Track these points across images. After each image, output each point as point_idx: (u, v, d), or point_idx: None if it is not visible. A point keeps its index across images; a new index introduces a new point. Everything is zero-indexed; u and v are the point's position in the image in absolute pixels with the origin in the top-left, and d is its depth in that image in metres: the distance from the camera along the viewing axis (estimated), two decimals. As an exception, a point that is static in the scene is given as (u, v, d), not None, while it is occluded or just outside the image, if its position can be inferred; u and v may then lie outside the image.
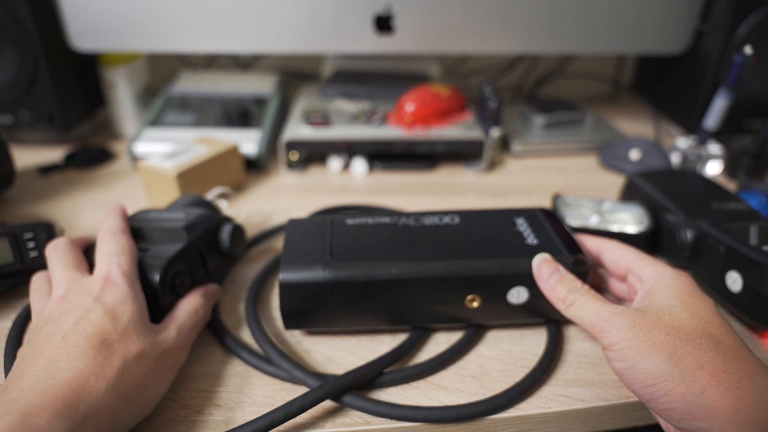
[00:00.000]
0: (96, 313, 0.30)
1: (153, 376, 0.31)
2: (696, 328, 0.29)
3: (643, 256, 0.35)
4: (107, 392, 0.27)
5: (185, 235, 0.38)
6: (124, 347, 0.29)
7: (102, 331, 0.29)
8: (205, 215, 0.41)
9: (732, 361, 0.27)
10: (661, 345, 0.28)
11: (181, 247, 0.37)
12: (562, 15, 0.65)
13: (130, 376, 0.29)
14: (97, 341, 0.29)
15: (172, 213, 0.41)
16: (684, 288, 0.32)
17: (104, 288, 0.32)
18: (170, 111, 0.69)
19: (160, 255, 0.36)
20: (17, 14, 0.59)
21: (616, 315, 0.30)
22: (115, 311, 0.31)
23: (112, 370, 0.28)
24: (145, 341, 0.31)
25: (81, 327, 0.29)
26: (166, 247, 0.37)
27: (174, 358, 0.33)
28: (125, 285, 0.32)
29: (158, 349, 0.31)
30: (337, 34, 0.64)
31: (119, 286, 0.32)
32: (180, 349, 0.34)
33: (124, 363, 0.29)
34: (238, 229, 0.43)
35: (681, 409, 0.27)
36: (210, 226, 0.41)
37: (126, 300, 0.31)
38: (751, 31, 0.64)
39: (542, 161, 0.69)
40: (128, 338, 0.30)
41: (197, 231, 0.39)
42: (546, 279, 0.35)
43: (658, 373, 0.28)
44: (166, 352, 0.32)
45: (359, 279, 0.35)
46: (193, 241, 0.38)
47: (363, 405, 0.32)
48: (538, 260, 0.36)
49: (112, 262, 0.33)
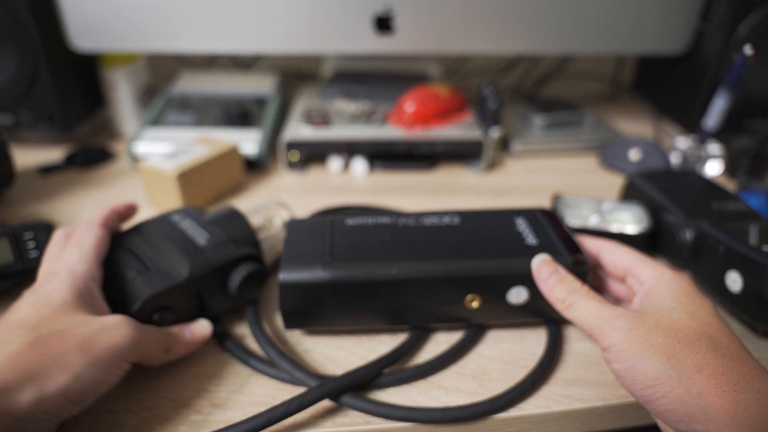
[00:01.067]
0: (25, 302, 0.30)
1: (78, 354, 0.27)
2: (694, 330, 0.29)
3: (642, 258, 0.35)
4: (6, 367, 0.26)
5: (187, 269, 0.35)
6: (44, 326, 0.28)
7: (23, 316, 0.29)
8: (224, 246, 0.37)
9: (730, 364, 0.27)
10: (660, 347, 0.28)
11: (174, 283, 0.34)
12: (562, 15, 0.65)
13: (40, 353, 0.27)
14: (14, 323, 0.28)
15: (200, 229, 0.38)
16: (683, 289, 0.32)
17: (42, 282, 0.31)
18: (170, 111, 0.69)
19: (153, 282, 0.34)
20: (17, 14, 0.59)
21: (615, 317, 0.30)
22: (45, 299, 0.30)
23: (17, 344, 0.27)
24: (76, 321, 0.29)
25: (7, 317, 0.29)
26: (164, 275, 0.34)
27: (114, 338, 0.29)
28: (66, 278, 0.31)
29: (92, 327, 0.29)
30: (337, 34, 0.64)
31: (59, 279, 0.31)
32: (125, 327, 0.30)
33: (36, 338, 0.27)
34: (256, 274, 0.38)
35: (679, 411, 0.27)
36: (222, 264, 0.36)
37: (60, 290, 0.30)
38: (751, 31, 0.64)
39: (542, 161, 0.69)
40: (54, 319, 0.28)
41: (203, 268, 0.35)
42: (545, 280, 0.35)
43: (656, 375, 0.28)
44: (103, 330, 0.29)
45: (359, 279, 0.35)
46: (193, 279, 0.35)
47: (363, 406, 0.32)
48: (537, 261, 0.36)
49: (64, 261, 0.33)
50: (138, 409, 0.32)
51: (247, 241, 0.40)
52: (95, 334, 0.29)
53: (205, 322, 0.36)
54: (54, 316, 0.29)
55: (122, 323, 0.30)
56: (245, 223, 0.41)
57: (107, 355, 0.29)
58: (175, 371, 0.35)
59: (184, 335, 0.35)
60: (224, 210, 0.42)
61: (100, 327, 0.29)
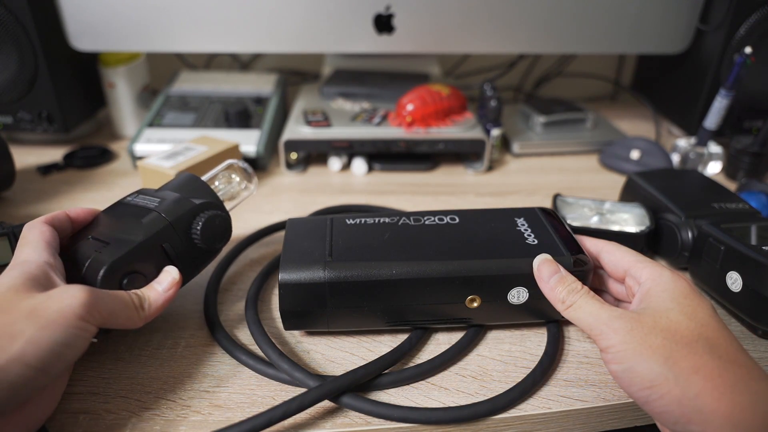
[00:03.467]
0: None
1: (27, 320, 0.27)
2: (692, 332, 0.29)
3: (642, 258, 0.35)
4: None
5: (142, 230, 0.35)
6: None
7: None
8: (176, 204, 0.37)
9: (727, 366, 0.27)
10: (658, 348, 0.28)
11: (132, 246, 0.34)
12: (562, 15, 0.65)
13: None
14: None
15: (151, 198, 0.38)
16: (681, 290, 0.32)
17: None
18: (170, 111, 0.69)
19: (113, 253, 0.33)
20: (17, 14, 0.59)
21: (614, 318, 0.31)
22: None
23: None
24: (26, 296, 0.28)
25: None
26: (123, 243, 0.34)
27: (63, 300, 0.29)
28: (17, 268, 0.31)
29: (40, 299, 0.28)
30: (337, 33, 0.64)
31: (9, 273, 0.30)
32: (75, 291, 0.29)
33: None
34: (215, 218, 0.38)
35: (676, 412, 0.27)
36: (181, 215, 0.37)
37: (11, 276, 0.30)
38: (751, 31, 0.64)
39: (542, 161, 0.69)
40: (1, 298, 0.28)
41: (158, 225, 0.35)
42: (546, 280, 0.35)
43: (654, 377, 0.28)
44: (51, 297, 0.29)
45: (359, 279, 0.35)
46: (148, 237, 0.35)
47: (363, 406, 0.32)
48: (538, 261, 0.36)
49: (15, 259, 0.32)
50: (138, 410, 0.32)
51: (205, 196, 0.40)
52: (43, 302, 0.28)
53: (171, 268, 0.36)
54: (3, 296, 0.28)
55: (71, 288, 0.30)
56: (198, 180, 0.41)
57: (57, 317, 0.28)
58: (175, 372, 0.35)
59: (153, 287, 0.34)
60: (178, 177, 0.42)
61: (47, 296, 0.29)
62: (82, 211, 0.38)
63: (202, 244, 0.38)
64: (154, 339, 0.38)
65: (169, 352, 0.37)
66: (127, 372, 0.35)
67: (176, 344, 0.38)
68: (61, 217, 0.37)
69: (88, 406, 0.32)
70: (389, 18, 0.64)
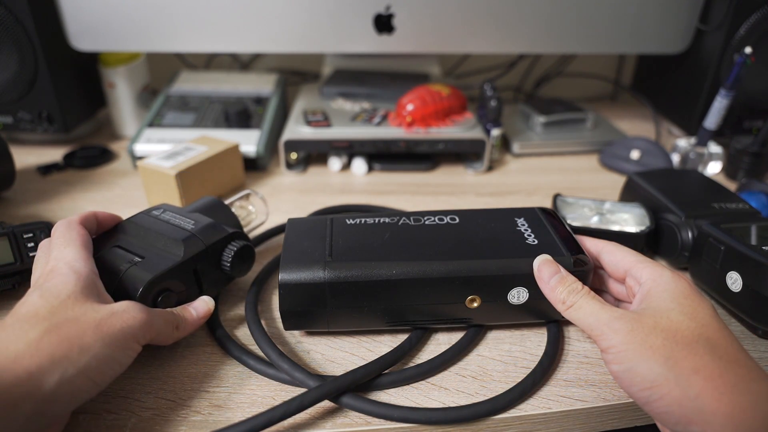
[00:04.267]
0: (33, 295, 0.30)
1: (94, 335, 0.28)
2: (692, 332, 0.29)
3: (642, 259, 0.35)
4: (27, 354, 0.26)
5: (182, 250, 0.36)
6: (57, 315, 0.28)
7: (34, 309, 0.29)
8: (212, 229, 0.39)
9: (728, 366, 0.27)
10: (658, 349, 0.28)
11: (172, 265, 0.35)
12: (562, 15, 0.65)
13: (59, 337, 0.27)
14: (27, 315, 0.28)
15: (183, 218, 0.39)
16: (682, 290, 0.32)
17: (47, 278, 0.31)
18: (170, 111, 0.69)
19: (150, 267, 0.35)
20: (17, 14, 0.59)
21: (614, 318, 0.31)
22: (52, 291, 0.30)
23: (35, 332, 0.27)
24: (88, 308, 0.29)
25: (16, 308, 0.29)
26: (160, 259, 0.35)
27: (127, 320, 0.30)
28: (68, 270, 0.31)
29: (105, 312, 0.29)
30: (337, 33, 0.64)
31: (62, 273, 0.31)
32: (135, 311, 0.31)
33: (52, 325, 0.28)
34: (244, 250, 0.40)
35: (676, 413, 0.27)
36: (214, 241, 0.38)
37: (67, 282, 0.30)
38: (751, 31, 0.64)
39: (542, 161, 0.69)
40: (66, 308, 0.29)
41: (196, 246, 0.37)
42: (546, 280, 0.35)
43: (654, 377, 0.28)
44: (115, 314, 0.30)
45: (359, 279, 0.35)
46: (187, 259, 0.36)
47: (363, 406, 0.32)
48: (538, 261, 0.36)
49: (60, 258, 0.32)
50: (138, 410, 0.32)
51: (230, 223, 0.42)
52: (107, 317, 0.29)
53: (207, 298, 0.37)
54: (64, 305, 0.29)
55: (131, 307, 0.31)
56: (226, 208, 0.44)
57: (120, 336, 0.29)
58: (175, 372, 0.35)
59: (189, 312, 0.36)
60: (204, 200, 0.44)
61: (110, 312, 0.30)
62: (109, 216, 0.39)
63: (228, 271, 0.39)
64: (154, 339, 0.38)
65: (169, 352, 0.37)
66: (127, 372, 0.35)
67: (176, 344, 0.38)
68: (91, 219, 0.38)
69: (88, 406, 0.32)
70: (389, 18, 0.64)
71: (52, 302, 0.29)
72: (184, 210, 0.41)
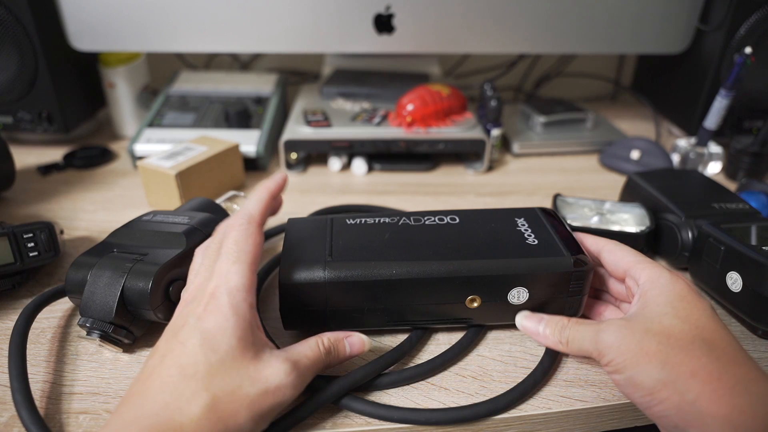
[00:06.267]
0: (193, 340, 0.28)
1: (246, 416, 0.27)
2: (687, 334, 0.29)
3: (641, 259, 0.35)
4: (190, 429, 0.25)
5: (184, 240, 0.37)
6: (215, 383, 0.27)
7: (194, 363, 0.27)
8: (209, 219, 0.41)
9: (726, 367, 0.27)
10: (654, 354, 0.29)
11: (178, 253, 0.36)
12: (562, 15, 0.65)
13: (217, 417, 0.26)
14: (188, 372, 0.27)
15: (178, 216, 0.41)
16: (678, 293, 0.32)
17: (207, 308, 0.29)
18: (170, 111, 0.69)
19: (156, 260, 0.36)
20: (17, 14, 0.59)
21: (601, 332, 0.31)
22: (212, 341, 0.28)
23: (198, 406, 0.26)
24: (244, 377, 0.28)
25: (177, 354, 0.28)
26: (164, 252, 0.37)
27: (278, 398, 0.29)
28: (228, 309, 0.29)
29: (258, 387, 0.28)
30: (337, 33, 0.64)
31: (222, 310, 0.29)
32: (287, 388, 0.29)
33: (212, 399, 0.26)
34: None
35: (675, 417, 0.27)
36: (212, 231, 0.39)
37: (226, 328, 0.28)
38: (751, 31, 0.64)
39: (543, 161, 0.69)
40: (223, 372, 0.27)
41: (198, 236, 0.38)
42: (537, 332, 0.35)
43: (653, 384, 0.28)
44: (269, 392, 0.28)
45: (359, 279, 0.35)
46: (191, 246, 0.37)
47: (363, 408, 0.32)
48: (519, 320, 0.36)
49: (222, 275, 0.30)
50: (138, 410, 0.32)
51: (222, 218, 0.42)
52: (261, 395, 0.28)
53: (366, 338, 0.35)
54: (223, 366, 0.27)
55: (285, 383, 0.29)
56: (216, 205, 0.45)
57: (270, 412, 0.29)
58: (175, 372, 0.35)
59: (344, 350, 0.33)
60: (193, 200, 0.45)
61: (264, 388, 0.28)
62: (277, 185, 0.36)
63: None
64: (154, 340, 0.38)
65: (170, 352, 0.37)
66: (127, 372, 0.35)
67: (176, 344, 0.38)
68: (269, 206, 0.35)
69: (88, 406, 0.32)
70: (389, 18, 0.64)
71: (211, 359, 0.27)
72: (174, 211, 0.42)
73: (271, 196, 0.36)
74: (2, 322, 0.39)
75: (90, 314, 0.34)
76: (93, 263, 0.36)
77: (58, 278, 0.44)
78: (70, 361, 0.36)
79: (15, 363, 0.33)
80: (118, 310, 0.34)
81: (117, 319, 0.34)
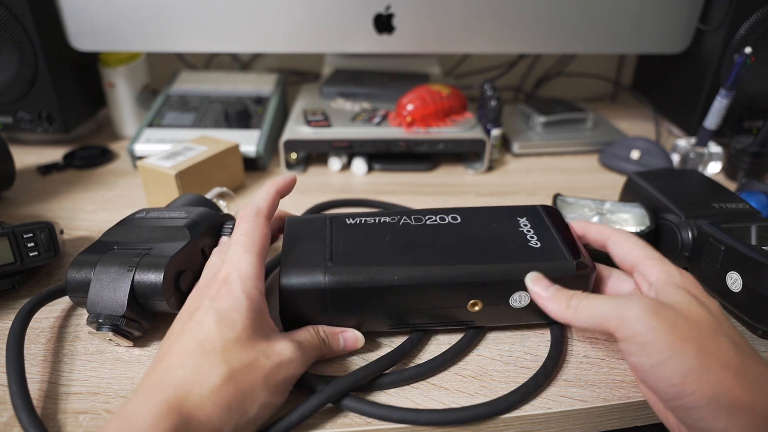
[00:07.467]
0: (209, 319, 0.29)
1: (263, 387, 0.29)
2: (714, 326, 0.28)
3: (650, 254, 0.34)
4: (210, 401, 0.27)
5: (188, 233, 0.38)
6: (233, 357, 0.28)
7: (212, 339, 0.28)
8: (208, 213, 0.41)
9: (748, 363, 0.27)
10: (690, 339, 0.27)
11: (185, 244, 0.37)
12: (562, 15, 0.65)
13: (236, 387, 0.28)
14: (206, 348, 0.28)
15: (173, 212, 0.41)
16: (694, 285, 0.31)
17: (220, 291, 0.30)
18: (170, 111, 0.69)
19: (163, 253, 0.36)
20: (17, 14, 0.59)
21: (627, 302, 0.29)
22: (228, 320, 0.29)
23: (217, 377, 0.27)
24: (258, 351, 0.29)
25: (194, 332, 0.29)
26: (169, 245, 0.37)
27: (290, 370, 0.31)
28: (241, 292, 0.30)
29: (273, 360, 0.30)
30: (337, 33, 0.64)
31: (235, 293, 0.30)
32: (298, 362, 0.31)
33: (230, 371, 0.28)
34: None
35: (704, 408, 0.26)
36: (212, 223, 0.41)
37: (240, 309, 0.30)
38: (751, 31, 0.64)
39: (543, 161, 0.69)
40: (239, 347, 0.29)
41: (200, 229, 0.39)
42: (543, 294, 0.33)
43: (687, 372, 0.26)
44: (282, 364, 0.30)
45: (360, 285, 0.34)
46: (195, 238, 0.38)
47: (363, 408, 0.32)
48: (529, 282, 0.34)
49: (233, 263, 0.32)
50: (138, 410, 0.32)
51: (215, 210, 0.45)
52: (275, 367, 0.30)
53: (359, 335, 0.36)
54: (239, 342, 0.29)
55: (293, 355, 0.31)
56: (208, 200, 0.46)
57: (283, 385, 0.31)
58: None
59: (338, 343, 0.35)
60: (184, 196, 0.46)
61: (278, 360, 0.30)
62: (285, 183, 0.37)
63: None
64: (154, 340, 0.38)
65: (170, 353, 0.37)
66: (127, 372, 0.35)
67: (176, 344, 0.38)
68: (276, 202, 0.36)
69: (88, 406, 0.32)
70: (389, 18, 0.64)
71: (226, 335, 0.29)
72: (167, 208, 0.43)
73: (279, 193, 0.37)
74: (2, 322, 0.39)
75: (99, 310, 0.35)
76: (94, 261, 0.36)
77: (58, 278, 0.44)
78: (69, 360, 0.36)
79: (12, 364, 0.33)
80: (129, 303, 0.34)
81: (129, 313, 0.35)
